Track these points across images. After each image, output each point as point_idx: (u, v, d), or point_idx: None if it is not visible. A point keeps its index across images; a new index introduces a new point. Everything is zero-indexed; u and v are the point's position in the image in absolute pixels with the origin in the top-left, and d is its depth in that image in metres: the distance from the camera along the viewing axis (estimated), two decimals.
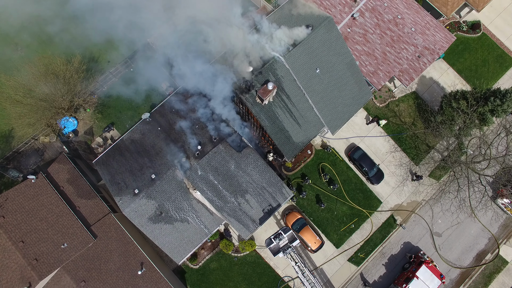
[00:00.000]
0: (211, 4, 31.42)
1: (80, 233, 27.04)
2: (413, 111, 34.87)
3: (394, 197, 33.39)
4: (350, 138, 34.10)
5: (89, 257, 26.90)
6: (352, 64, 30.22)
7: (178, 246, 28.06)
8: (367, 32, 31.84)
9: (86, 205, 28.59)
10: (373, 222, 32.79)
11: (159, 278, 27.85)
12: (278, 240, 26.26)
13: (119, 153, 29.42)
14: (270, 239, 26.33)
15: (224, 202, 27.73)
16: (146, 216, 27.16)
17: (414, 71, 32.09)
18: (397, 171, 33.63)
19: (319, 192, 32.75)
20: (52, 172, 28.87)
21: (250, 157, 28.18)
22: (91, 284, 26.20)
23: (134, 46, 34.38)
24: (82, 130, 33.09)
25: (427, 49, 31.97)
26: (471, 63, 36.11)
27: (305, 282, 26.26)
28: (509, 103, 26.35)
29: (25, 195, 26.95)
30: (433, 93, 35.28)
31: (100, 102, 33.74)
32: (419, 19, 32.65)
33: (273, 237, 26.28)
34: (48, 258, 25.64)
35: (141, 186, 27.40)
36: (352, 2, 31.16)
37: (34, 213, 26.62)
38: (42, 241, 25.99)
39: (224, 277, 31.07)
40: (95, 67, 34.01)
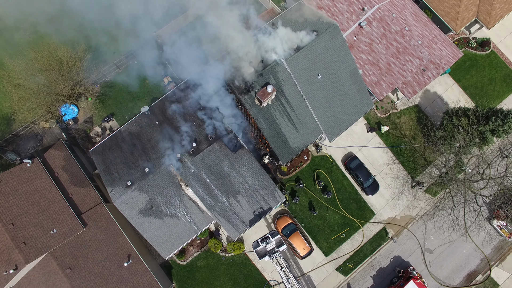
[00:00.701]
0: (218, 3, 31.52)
1: (70, 220, 27.23)
2: (414, 124, 34.50)
3: (388, 210, 33.07)
4: (348, 147, 33.86)
5: (77, 245, 27.07)
6: (355, 73, 30.01)
7: (166, 241, 28.09)
8: (373, 41, 31.59)
9: (79, 193, 28.79)
10: (364, 233, 32.51)
11: (144, 271, 27.92)
12: (265, 243, 26.18)
13: (116, 144, 29.56)
14: (258, 242, 26.28)
15: (215, 201, 27.72)
16: (136, 209, 27.24)
17: (418, 84, 31.74)
18: (393, 184, 33.30)
19: (313, 199, 32.57)
20: (48, 158, 29.12)
21: (244, 158, 28.13)
22: (77, 272, 26.37)
23: (140, 39, 34.50)
24: (82, 118, 33.36)
25: (432, 63, 31.60)
26: (477, 81, 35.63)
27: (288, 287, 26.17)
28: (510, 124, 25.91)
29: (19, 179, 27.22)
30: (436, 108, 34.87)
31: (102, 92, 34.00)
32: (427, 32, 32.29)
33: (260, 240, 26.21)
34: (36, 243, 25.86)
35: (134, 178, 27.50)
36: (360, 10, 30.94)
37: (27, 197, 26.87)
38: (32, 225, 26.22)
39: (211, 275, 31.05)
40: (100, 57, 34.24)
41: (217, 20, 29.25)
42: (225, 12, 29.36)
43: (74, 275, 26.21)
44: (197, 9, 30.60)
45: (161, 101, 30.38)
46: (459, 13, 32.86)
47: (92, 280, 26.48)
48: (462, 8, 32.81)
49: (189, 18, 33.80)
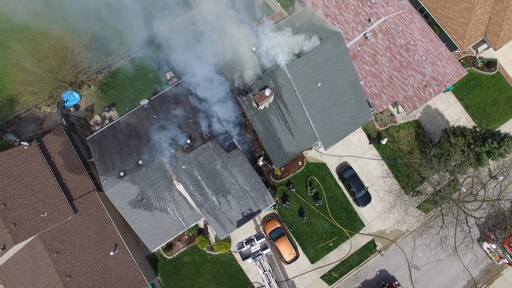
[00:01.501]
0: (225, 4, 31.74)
1: (61, 205, 27.65)
2: (412, 139, 34.33)
3: (378, 223, 32.95)
4: (343, 156, 33.82)
5: (66, 230, 27.48)
6: (355, 83, 29.98)
7: (154, 234, 28.37)
8: (377, 53, 31.52)
9: (72, 179, 29.21)
10: (352, 244, 32.44)
11: (130, 262, 28.23)
12: (250, 245, 26.30)
13: (113, 134, 29.94)
14: (242, 243, 26.41)
15: (205, 198, 27.93)
16: (127, 200, 27.55)
17: (419, 100, 31.60)
18: (385, 197, 33.18)
19: (303, 205, 32.60)
20: (46, 142, 29.61)
21: (237, 159, 28.28)
22: (63, 257, 26.77)
23: (147, 32, 34.88)
24: (83, 106, 33.83)
25: (435, 80, 31.43)
26: (480, 101, 35.32)
27: None
28: (506, 147, 25.68)
29: (15, 160, 27.73)
30: (435, 125, 34.65)
31: (105, 81, 34.45)
32: (432, 48, 32.12)
33: (245, 242, 26.33)
34: (26, 224, 26.32)
35: (127, 169, 27.82)
36: (366, 21, 30.89)
37: (21, 179, 27.36)
38: (24, 207, 26.69)
39: (195, 272, 31.27)
40: (106, 47, 34.69)
41: (221, 20, 29.51)
42: (230, 13, 29.62)
43: (60, 260, 26.62)
44: (203, 8, 30.76)
45: (161, 96, 30.68)
46: (466, 32, 32.63)
47: (77, 266, 26.87)
48: (470, 26, 32.57)
49: (196, 16, 34.04)
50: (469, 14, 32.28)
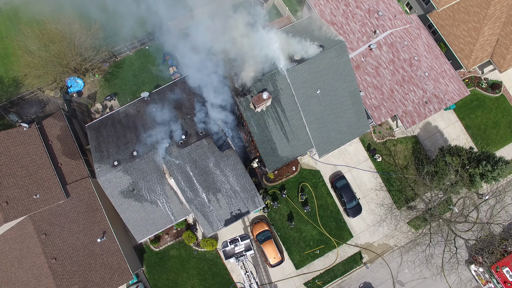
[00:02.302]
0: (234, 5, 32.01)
1: (54, 189, 28.14)
2: (409, 154, 34.18)
3: (367, 235, 32.87)
4: (338, 166, 33.81)
5: (57, 213, 27.95)
6: (355, 93, 29.98)
7: (142, 225, 28.72)
8: (380, 65, 31.47)
9: (68, 164, 29.70)
10: (339, 253, 32.42)
11: (116, 250, 28.60)
12: (234, 245, 26.47)
13: (112, 124, 30.39)
14: (227, 242, 26.60)
15: (195, 195, 28.20)
16: (118, 189, 27.94)
17: (418, 116, 31.46)
18: (376, 210, 33.08)
19: (293, 210, 32.68)
20: (46, 125, 30.15)
21: (230, 158, 28.49)
22: (51, 239, 27.25)
23: (156, 26, 35.28)
24: (86, 93, 34.37)
25: (436, 97, 31.28)
26: (481, 122, 35.01)
27: None
28: (500, 171, 25.45)
29: (14, 140, 28.30)
30: (434, 142, 34.45)
31: (110, 71, 34.95)
32: (436, 66, 31.96)
33: (229, 241, 26.51)
34: (18, 204, 26.85)
35: (121, 159, 28.22)
36: (371, 32, 30.87)
37: (17, 159, 27.92)
38: (17, 187, 27.22)
39: (180, 266, 31.55)
40: (113, 37, 35.16)
41: (228, 19, 29.77)
42: (237, 14, 29.87)
43: (48, 242, 27.10)
44: (211, 7, 31.09)
45: (162, 90, 31.07)
46: (473, 52, 32.40)
47: (64, 249, 27.33)
48: (477, 47, 32.33)
49: (203, 14, 34.31)
50: (477, 34, 32.06)
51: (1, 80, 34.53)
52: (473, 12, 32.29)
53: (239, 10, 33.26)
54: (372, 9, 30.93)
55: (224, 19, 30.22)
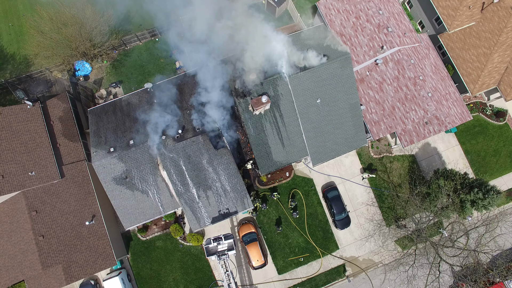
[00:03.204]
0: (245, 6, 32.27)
1: (50, 168, 28.77)
2: (405, 173, 34.00)
3: (353, 249, 32.81)
4: (332, 176, 33.81)
5: (50, 192, 28.57)
6: (355, 106, 29.99)
7: (131, 213, 29.15)
8: (384, 81, 31.40)
9: (66, 145, 30.32)
10: (323, 263, 32.44)
11: (103, 235, 29.09)
12: (217, 243, 26.72)
13: (113, 110, 30.93)
14: (210, 239, 26.88)
15: (185, 189, 28.54)
16: (112, 175, 28.42)
17: (417, 135, 31.31)
18: (365, 225, 33.00)
19: (282, 216, 32.79)
20: (49, 105, 30.84)
21: (224, 157, 28.75)
22: (41, 217, 27.86)
23: (168, 19, 35.75)
24: (92, 78, 35.02)
25: (436, 119, 31.09)
26: (482, 149, 34.65)
27: None
28: (490, 200, 25.20)
29: (16, 117, 29.02)
30: (431, 163, 34.20)
31: (119, 58, 35.55)
32: (441, 87, 31.76)
33: (213, 239, 26.79)
34: (13, 179, 27.52)
35: (118, 146, 28.70)
36: (379, 47, 30.83)
37: (18, 136, 28.61)
38: (15, 162, 27.91)
39: (165, 258, 31.93)
40: (125, 26, 35.81)
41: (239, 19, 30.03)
42: (247, 15, 30.13)
43: (38, 219, 27.73)
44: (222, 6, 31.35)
45: (166, 82, 31.47)
46: (480, 77, 32.11)
47: (52, 228, 27.91)
48: (485, 72, 32.03)
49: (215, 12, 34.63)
50: (486, 60, 31.77)
51: (13, 56, 35.42)
52: (484, 38, 32.01)
53: (250, 12, 33.59)
54: (382, 24, 30.90)
55: (233, 19, 30.49)
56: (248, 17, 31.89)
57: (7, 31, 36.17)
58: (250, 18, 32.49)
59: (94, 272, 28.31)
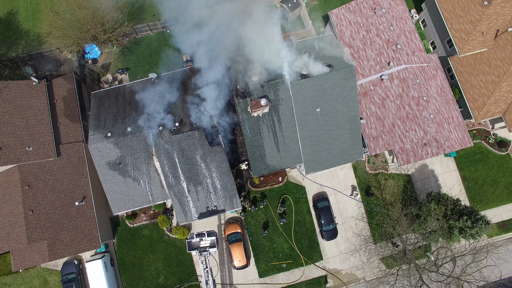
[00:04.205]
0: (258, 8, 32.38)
1: (47, 145, 29.32)
2: (399, 192, 33.68)
3: (337, 261, 32.64)
4: (324, 186, 33.69)
5: (44, 169, 29.10)
6: (355, 119, 29.85)
7: (120, 199, 29.50)
8: (387, 97, 31.19)
9: (66, 125, 30.86)
10: (305, 272, 32.33)
11: (91, 217, 29.51)
12: (199, 239, 26.88)
13: (115, 96, 31.37)
14: (194, 234, 27.05)
15: (176, 182, 28.78)
16: (106, 159, 28.81)
17: (414, 156, 31.01)
18: (352, 239, 32.79)
19: (270, 220, 32.79)
20: (55, 84, 31.42)
21: (218, 155, 28.89)
22: (33, 192, 28.39)
23: (181, 12, 36.09)
24: (101, 62, 35.56)
25: (436, 141, 30.74)
26: (480, 177, 34.12)
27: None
28: (478, 230, 24.82)
29: (21, 92, 29.64)
30: (426, 185, 33.81)
31: (128, 46, 36.03)
32: (444, 110, 31.40)
33: (196, 234, 26.96)
34: (10, 152, 28.11)
35: (115, 132, 29.08)
36: (386, 63, 30.63)
37: (20, 110, 29.22)
38: (14, 136, 28.50)
39: (149, 247, 32.22)
40: (139, 15, 36.29)
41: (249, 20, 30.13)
42: (258, 17, 30.22)
43: (29, 193, 28.25)
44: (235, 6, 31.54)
45: (171, 75, 31.79)
46: (485, 104, 31.65)
47: (43, 204, 28.41)
48: (491, 100, 31.57)
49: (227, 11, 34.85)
50: (494, 88, 31.32)
51: (27, 33, 36.19)
52: (494, 65, 31.56)
53: (262, 14, 33.69)
54: (391, 40, 30.70)
55: (245, 20, 30.61)
56: (260, 19, 32.02)
57: (25, 7, 36.98)
58: (261, 20, 32.62)
59: (78, 252, 28.74)
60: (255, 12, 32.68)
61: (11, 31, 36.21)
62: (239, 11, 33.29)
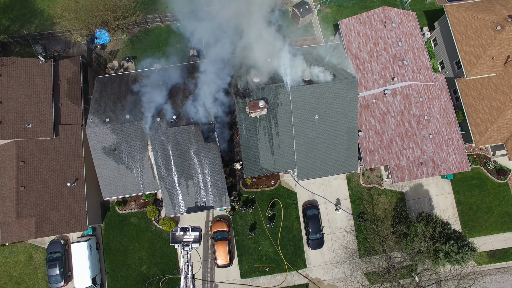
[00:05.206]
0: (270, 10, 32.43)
1: (47, 124, 29.77)
2: (390, 209, 33.33)
3: (320, 271, 32.44)
4: (316, 195, 33.52)
5: (41, 147, 29.54)
6: (353, 131, 29.67)
7: (112, 184, 29.78)
8: (388, 112, 30.92)
9: (68, 106, 31.31)
10: (287, 278, 32.20)
11: (81, 199, 29.84)
12: (183, 233, 26.99)
13: (119, 83, 31.73)
14: (178, 228, 27.16)
15: (167, 174, 28.96)
16: (102, 144, 29.13)
17: (409, 174, 30.68)
18: (338, 251, 32.55)
19: (258, 222, 32.75)
20: (61, 65, 31.89)
21: (211, 152, 28.98)
22: (27, 168, 28.84)
23: (193, 7, 36.34)
24: (109, 48, 35.99)
25: (432, 162, 30.37)
26: (475, 203, 33.56)
27: (182, 284, 26.81)
28: (464, 256, 24.40)
29: (27, 69, 30.15)
30: (419, 205, 33.39)
31: (138, 35, 36.41)
32: (445, 131, 31.00)
33: (180, 227, 27.07)
34: (10, 126, 28.60)
35: (114, 118, 29.40)
36: (390, 78, 30.38)
37: (24, 87, 29.73)
38: (15, 111, 29.02)
39: (135, 235, 32.45)
40: (151, 5, 36.63)
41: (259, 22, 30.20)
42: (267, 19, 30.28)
43: (24, 169, 28.72)
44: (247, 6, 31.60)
45: (176, 68, 32.02)
46: (488, 130, 31.14)
47: (35, 182, 28.84)
48: (494, 127, 31.04)
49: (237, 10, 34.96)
50: (498, 114, 30.81)
51: (41, 12, 36.79)
52: (501, 92, 31.05)
53: (272, 16, 33.76)
54: (398, 56, 30.43)
55: (254, 20, 30.67)
56: (269, 21, 32.07)
57: None
58: (270, 22, 32.67)
59: (64, 232, 29.10)
60: (266, 14, 32.79)
61: (26, 9, 36.88)
62: (250, 11, 33.39)
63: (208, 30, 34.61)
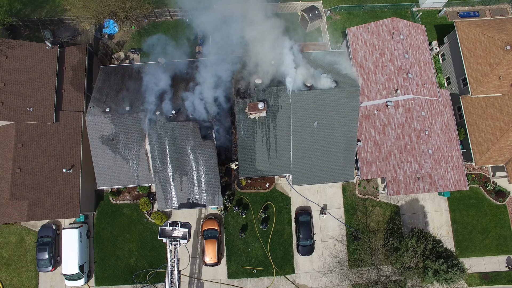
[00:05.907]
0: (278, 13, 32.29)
1: (48, 109, 30.00)
2: (384, 221, 32.99)
3: (308, 278, 32.22)
4: (310, 201, 33.31)
5: (40, 131, 29.78)
6: (351, 140, 29.44)
7: (106, 174, 29.91)
8: (389, 124, 30.63)
9: (71, 93, 31.53)
10: (274, 283, 32.03)
11: (75, 186, 30.00)
12: (172, 228, 27.00)
13: (122, 74, 31.92)
14: (168, 223, 27.17)
15: (162, 168, 29.00)
16: (100, 133, 29.30)
17: (405, 188, 30.34)
18: (328, 259, 32.29)
19: (250, 223, 32.64)
20: (67, 52, 32.12)
21: (208, 150, 28.95)
22: (25, 151, 29.07)
23: (203, 4, 36.37)
24: (116, 39, 36.20)
25: (430, 178, 30.00)
26: (471, 222, 33.08)
27: (167, 279, 26.79)
28: (452, 276, 24.03)
29: (33, 53, 30.42)
30: (414, 220, 32.98)
31: (146, 27, 36.57)
32: (445, 148, 30.61)
33: (170, 223, 27.07)
34: (11, 109, 28.87)
35: (114, 108, 29.56)
36: (393, 90, 30.09)
37: (29, 71, 29.99)
38: (17, 94, 29.28)
39: (127, 227, 32.54)
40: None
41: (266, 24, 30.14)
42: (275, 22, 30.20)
43: (21, 152, 28.96)
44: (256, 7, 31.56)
45: (180, 63, 32.09)
46: (489, 150, 30.69)
47: (32, 165, 29.07)
48: (496, 147, 30.58)
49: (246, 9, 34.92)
50: (501, 135, 30.34)
51: None
52: (506, 113, 30.59)
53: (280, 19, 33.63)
54: (403, 68, 30.13)
55: (261, 22, 30.62)
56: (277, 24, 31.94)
57: None
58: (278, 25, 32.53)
59: (56, 217, 29.27)
60: (274, 16, 32.71)
61: None
62: (259, 13, 33.34)
63: (214, 28, 34.63)
